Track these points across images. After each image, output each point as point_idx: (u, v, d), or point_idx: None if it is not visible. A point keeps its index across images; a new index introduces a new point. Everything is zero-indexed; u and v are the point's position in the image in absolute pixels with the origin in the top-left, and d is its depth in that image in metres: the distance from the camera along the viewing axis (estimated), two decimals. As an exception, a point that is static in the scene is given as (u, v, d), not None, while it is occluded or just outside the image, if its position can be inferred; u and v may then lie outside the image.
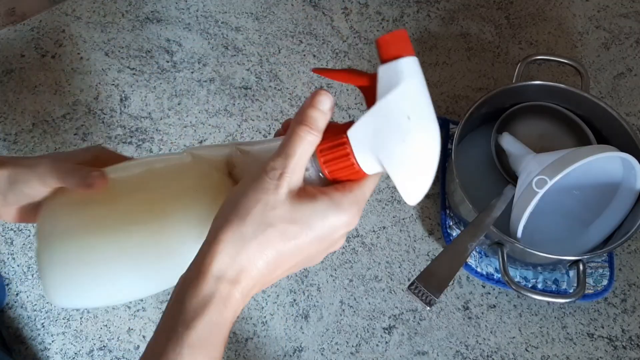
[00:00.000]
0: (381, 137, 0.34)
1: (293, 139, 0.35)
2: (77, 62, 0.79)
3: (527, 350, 0.63)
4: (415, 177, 0.36)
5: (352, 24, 0.83)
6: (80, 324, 0.63)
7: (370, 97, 0.35)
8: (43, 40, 0.80)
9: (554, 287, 0.66)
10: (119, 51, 0.80)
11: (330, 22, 0.83)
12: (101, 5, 0.83)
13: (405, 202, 0.70)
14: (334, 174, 0.36)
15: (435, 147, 0.36)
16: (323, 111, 0.35)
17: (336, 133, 0.36)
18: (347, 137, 0.35)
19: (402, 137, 0.34)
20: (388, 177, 0.75)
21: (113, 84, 0.77)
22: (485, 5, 0.85)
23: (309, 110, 0.35)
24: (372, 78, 0.35)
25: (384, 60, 0.34)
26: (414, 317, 0.65)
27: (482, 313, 0.65)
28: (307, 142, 0.35)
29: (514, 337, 0.64)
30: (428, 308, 0.60)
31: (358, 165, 0.36)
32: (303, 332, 0.64)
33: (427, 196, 0.71)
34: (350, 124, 0.35)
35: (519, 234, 0.60)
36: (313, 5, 0.84)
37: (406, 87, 0.34)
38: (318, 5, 0.84)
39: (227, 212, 0.35)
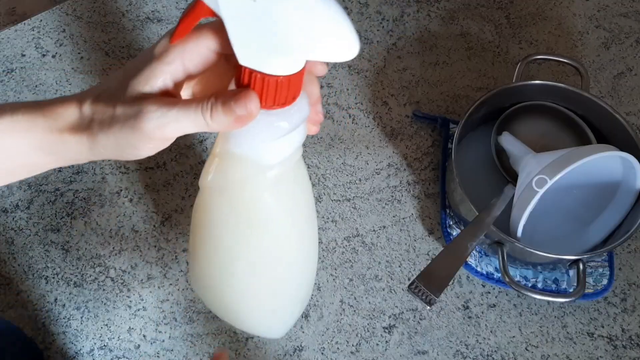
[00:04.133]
0: (260, 38, 0.33)
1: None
2: (77, 61, 0.79)
3: (527, 350, 0.63)
4: (329, 35, 0.33)
5: (352, 24, 0.83)
6: (81, 323, 0.63)
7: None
8: (44, 39, 0.80)
9: (553, 286, 0.66)
10: (120, 51, 0.80)
11: (331, 21, 0.83)
12: (102, 5, 0.83)
13: (404, 201, 0.70)
14: (274, 99, 0.35)
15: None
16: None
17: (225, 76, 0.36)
18: (240, 66, 0.34)
19: (273, 20, 0.32)
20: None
21: (113, 84, 0.77)
22: (486, 5, 0.85)
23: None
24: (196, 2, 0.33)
25: None
26: (414, 316, 0.65)
27: (482, 312, 0.65)
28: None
29: (514, 337, 0.64)
30: (428, 307, 0.61)
31: (284, 76, 0.34)
32: (303, 332, 0.64)
33: (427, 195, 0.71)
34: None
35: (519, 233, 0.60)
36: (313, 4, 0.84)
37: None
38: (318, 4, 0.84)
39: None
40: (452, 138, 0.69)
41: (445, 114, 0.76)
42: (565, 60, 0.71)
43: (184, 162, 0.72)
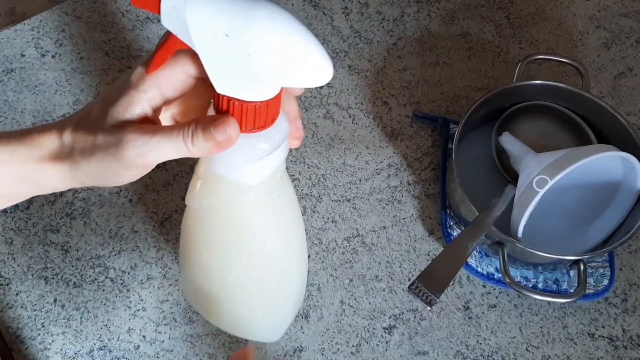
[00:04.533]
0: (235, 69, 0.33)
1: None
2: (77, 61, 0.79)
3: (527, 350, 0.63)
4: (302, 64, 0.33)
5: (353, 24, 0.83)
6: (80, 323, 0.63)
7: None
8: (43, 39, 0.80)
9: (554, 287, 0.66)
10: (120, 51, 0.80)
11: (331, 21, 0.83)
12: (102, 5, 0.83)
13: (404, 202, 0.70)
14: (253, 123, 0.36)
15: (278, 24, 0.32)
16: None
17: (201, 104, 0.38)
18: (218, 94, 0.34)
19: (250, 51, 0.32)
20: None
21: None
22: (486, 5, 0.85)
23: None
24: (168, 35, 0.34)
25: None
26: (415, 317, 0.65)
27: (483, 313, 0.65)
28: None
29: (514, 337, 0.64)
30: (428, 308, 0.61)
31: (264, 101, 0.34)
32: (303, 332, 0.64)
33: (428, 196, 0.71)
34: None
35: (520, 233, 0.60)
36: (313, 5, 0.84)
37: (193, 11, 0.32)
38: (318, 5, 0.84)
39: None
40: (452, 138, 0.69)
41: (446, 114, 0.76)
42: (565, 60, 0.71)
43: (184, 162, 0.72)
